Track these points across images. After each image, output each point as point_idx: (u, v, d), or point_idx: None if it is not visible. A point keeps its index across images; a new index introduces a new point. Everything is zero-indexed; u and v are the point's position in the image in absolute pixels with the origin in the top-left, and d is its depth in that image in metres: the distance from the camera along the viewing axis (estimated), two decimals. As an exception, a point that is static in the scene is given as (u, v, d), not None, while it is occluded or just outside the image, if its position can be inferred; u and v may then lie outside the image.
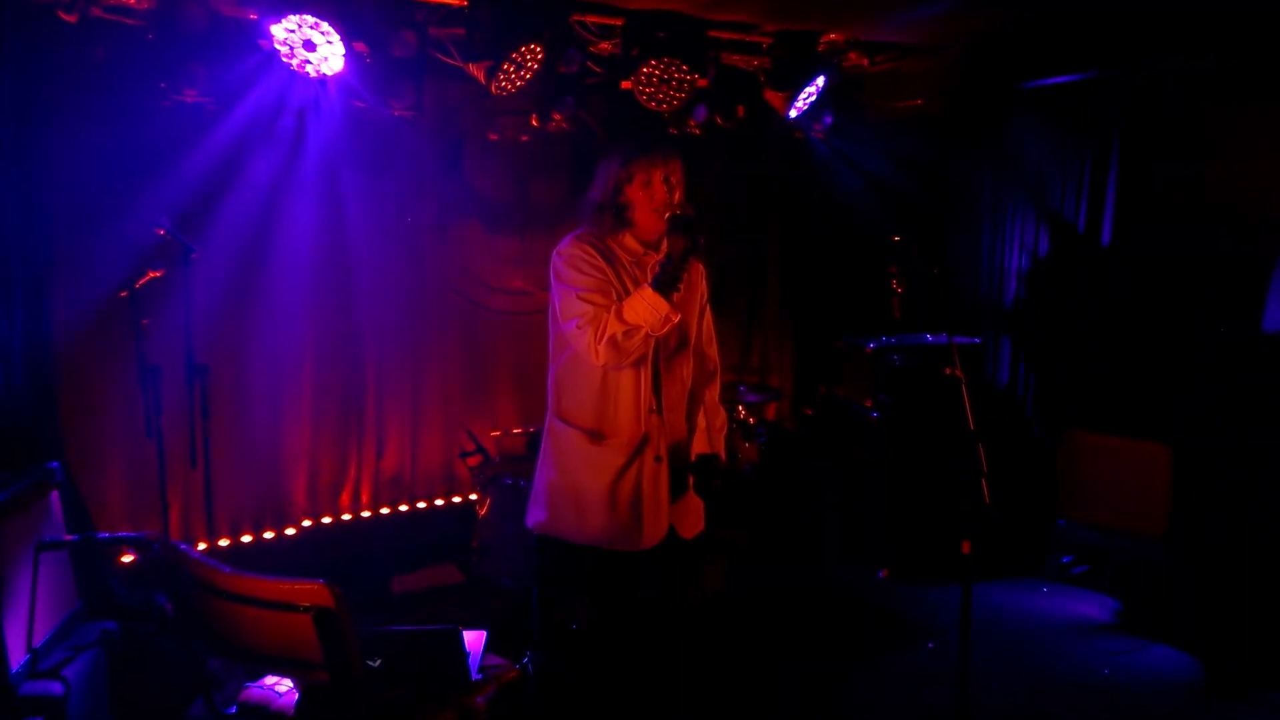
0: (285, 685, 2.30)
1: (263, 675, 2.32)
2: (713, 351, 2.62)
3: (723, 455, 2.61)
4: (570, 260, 2.37)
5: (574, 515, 2.40)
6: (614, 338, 2.21)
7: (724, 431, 2.64)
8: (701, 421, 2.57)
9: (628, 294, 2.30)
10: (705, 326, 2.58)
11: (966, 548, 2.51)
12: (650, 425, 2.36)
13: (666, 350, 2.41)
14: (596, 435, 2.36)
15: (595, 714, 2.55)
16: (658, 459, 2.37)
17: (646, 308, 2.20)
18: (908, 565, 4.48)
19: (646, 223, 2.38)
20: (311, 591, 1.91)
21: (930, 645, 3.81)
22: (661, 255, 2.40)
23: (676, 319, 2.23)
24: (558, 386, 2.45)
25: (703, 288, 2.56)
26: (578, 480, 2.38)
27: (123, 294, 3.35)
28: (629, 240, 2.43)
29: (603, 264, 2.36)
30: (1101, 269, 4.78)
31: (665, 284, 2.21)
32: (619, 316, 2.22)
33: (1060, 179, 4.95)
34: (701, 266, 2.55)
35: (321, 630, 1.90)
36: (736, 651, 3.65)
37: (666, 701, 2.56)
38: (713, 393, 2.62)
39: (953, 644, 3.61)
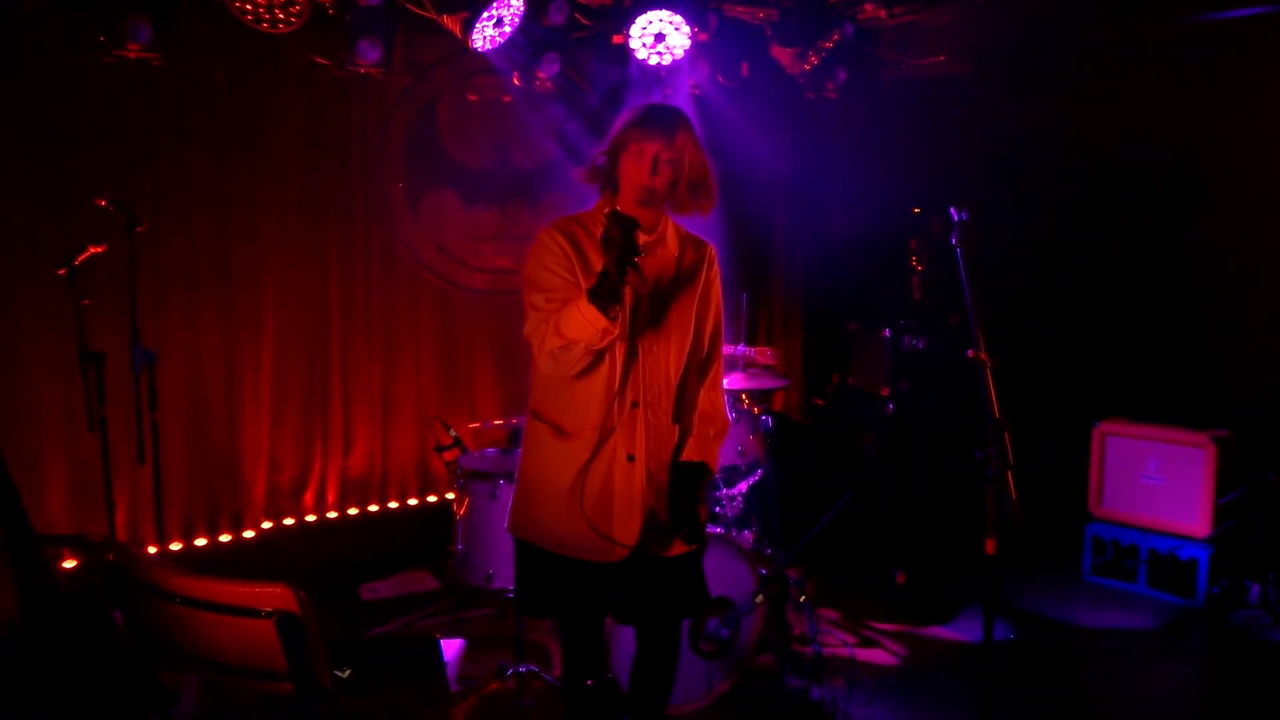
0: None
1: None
2: (717, 359, 2.57)
3: (714, 467, 2.53)
4: (535, 254, 2.35)
5: (536, 517, 2.42)
6: (553, 352, 2.22)
7: (720, 441, 2.57)
8: (696, 428, 2.52)
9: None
10: (713, 332, 2.53)
11: (991, 547, 2.53)
12: (623, 420, 2.34)
13: (641, 336, 2.37)
14: (563, 430, 2.37)
15: None
16: (630, 458, 2.35)
17: (582, 321, 2.16)
18: (926, 568, 4.51)
19: (628, 196, 2.34)
20: (274, 595, 1.93)
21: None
22: (655, 236, 2.38)
23: (616, 333, 2.21)
24: (535, 378, 2.46)
25: (715, 291, 2.50)
26: (543, 479, 2.41)
27: (60, 271, 3.34)
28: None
29: (569, 258, 2.32)
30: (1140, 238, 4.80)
31: (602, 297, 2.13)
32: (556, 329, 2.21)
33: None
34: (714, 261, 2.48)
35: (285, 637, 1.92)
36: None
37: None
38: (715, 397, 2.57)
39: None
